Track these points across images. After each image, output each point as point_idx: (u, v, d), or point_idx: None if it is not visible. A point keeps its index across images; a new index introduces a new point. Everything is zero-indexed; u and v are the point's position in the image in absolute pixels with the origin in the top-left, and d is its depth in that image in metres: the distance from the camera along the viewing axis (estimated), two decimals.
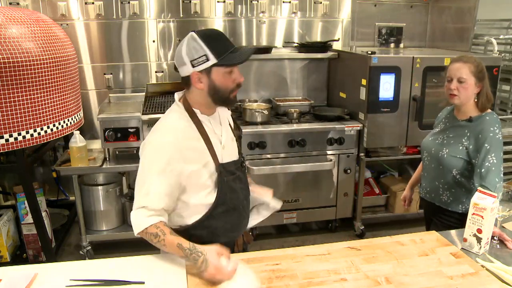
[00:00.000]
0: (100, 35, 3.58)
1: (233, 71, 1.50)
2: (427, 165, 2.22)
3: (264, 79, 3.86)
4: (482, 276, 1.52)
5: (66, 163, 2.98)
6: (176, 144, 1.49)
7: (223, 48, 1.46)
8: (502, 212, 1.74)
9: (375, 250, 1.69)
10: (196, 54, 1.45)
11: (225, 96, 1.52)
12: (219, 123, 1.63)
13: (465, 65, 2.01)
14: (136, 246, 3.38)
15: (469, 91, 2.02)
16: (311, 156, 3.34)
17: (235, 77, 1.52)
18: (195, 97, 1.55)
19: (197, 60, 1.45)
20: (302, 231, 3.65)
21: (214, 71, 1.47)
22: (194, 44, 1.45)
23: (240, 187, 1.66)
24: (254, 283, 1.44)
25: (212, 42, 1.45)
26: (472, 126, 2.03)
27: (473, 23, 3.67)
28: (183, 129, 1.52)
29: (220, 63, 1.45)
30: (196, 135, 1.53)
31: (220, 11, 3.69)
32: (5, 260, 2.92)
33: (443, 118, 2.23)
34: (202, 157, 1.53)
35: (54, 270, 1.55)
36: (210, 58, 1.44)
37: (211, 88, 1.50)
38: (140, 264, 1.58)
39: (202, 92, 1.52)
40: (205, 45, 1.44)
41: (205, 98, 1.54)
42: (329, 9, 3.88)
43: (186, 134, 1.52)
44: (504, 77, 3.96)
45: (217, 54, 1.44)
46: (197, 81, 1.49)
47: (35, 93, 2.46)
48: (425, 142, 2.26)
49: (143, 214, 1.48)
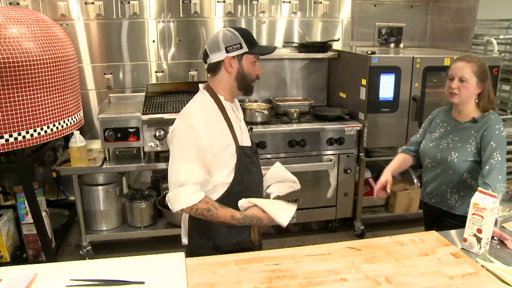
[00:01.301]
0: (100, 35, 3.58)
1: (256, 63, 1.72)
2: (431, 171, 2.17)
3: (264, 79, 3.86)
4: (482, 276, 1.52)
5: (66, 163, 2.98)
6: (205, 124, 1.64)
7: (254, 41, 1.70)
8: (502, 212, 1.74)
9: (375, 250, 1.69)
10: (232, 41, 1.66)
11: (248, 83, 1.73)
12: (238, 110, 1.81)
13: (468, 65, 1.99)
14: (136, 246, 3.39)
15: (470, 91, 2.00)
16: (311, 156, 3.34)
17: (257, 69, 1.73)
18: (221, 82, 1.72)
19: (232, 46, 1.66)
20: (302, 231, 3.65)
21: (245, 58, 1.69)
22: (230, 34, 1.67)
23: (255, 171, 1.80)
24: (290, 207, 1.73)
25: (245, 34, 1.69)
26: (477, 126, 2.02)
27: (473, 23, 3.68)
28: (210, 111, 1.69)
29: (251, 51, 1.67)
30: (220, 118, 1.69)
31: (220, 11, 3.70)
32: (5, 260, 2.92)
33: (441, 122, 2.19)
34: (226, 138, 1.68)
35: (54, 270, 1.54)
36: (243, 46, 1.66)
37: (239, 73, 1.70)
38: (140, 264, 1.58)
39: (230, 77, 1.70)
40: (240, 36, 1.67)
41: (231, 83, 1.72)
42: (329, 9, 3.88)
43: (213, 116, 1.68)
44: (504, 77, 3.96)
45: (249, 44, 1.67)
46: (229, 65, 1.68)
47: (35, 93, 2.46)
48: (426, 148, 2.20)
49: (189, 190, 1.61)
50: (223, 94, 1.73)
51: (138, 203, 3.18)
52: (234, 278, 1.50)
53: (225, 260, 1.61)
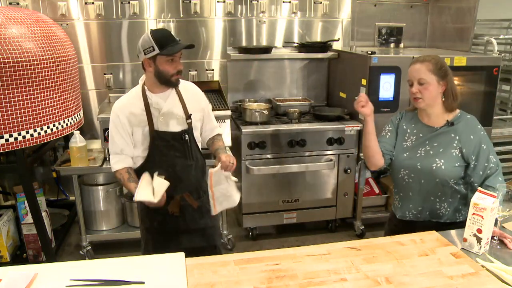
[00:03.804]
0: (100, 35, 3.58)
1: (174, 60, 1.93)
2: (411, 183, 2.01)
3: (264, 79, 3.86)
4: (482, 276, 1.52)
5: (66, 163, 2.98)
6: (124, 106, 2.01)
7: (165, 42, 1.89)
8: (502, 212, 1.74)
9: (375, 250, 1.69)
10: (146, 45, 1.90)
11: (167, 78, 1.95)
12: (164, 100, 2.01)
13: (423, 65, 1.90)
14: (136, 246, 3.38)
15: (433, 92, 1.91)
16: (311, 156, 3.34)
17: (175, 65, 1.94)
18: (146, 78, 2.02)
19: (147, 49, 1.90)
20: (302, 231, 3.65)
21: (158, 59, 1.91)
22: (146, 38, 1.91)
23: (174, 155, 2.04)
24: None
25: (158, 37, 1.89)
26: (456, 129, 1.94)
27: (473, 23, 3.68)
28: (133, 98, 2.02)
29: (161, 53, 1.89)
30: (140, 106, 1.99)
31: (220, 11, 3.70)
32: (5, 260, 2.92)
33: (410, 130, 2.06)
34: (141, 121, 1.99)
35: (54, 270, 1.55)
36: (155, 49, 1.88)
37: (156, 71, 1.94)
38: (140, 264, 1.58)
39: (151, 74, 1.97)
40: (152, 39, 1.88)
41: (153, 79, 1.98)
42: (329, 9, 3.88)
43: (132, 104, 2.00)
44: (504, 77, 3.96)
45: (160, 46, 1.88)
46: (147, 65, 1.95)
47: (35, 93, 2.46)
48: (401, 159, 2.03)
49: (112, 160, 2.05)
50: (148, 86, 2.01)
51: None
52: (234, 278, 1.50)
53: (225, 260, 1.62)
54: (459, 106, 2.01)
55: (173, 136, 2.02)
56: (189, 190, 2.12)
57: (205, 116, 2.18)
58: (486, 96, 3.40)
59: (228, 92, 3.80)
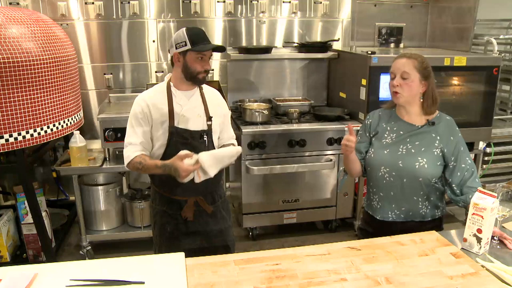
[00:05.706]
0: (100, 35, 3.58)
1: (203, 58, 1.95)
2: (392, 182, 1.97)
3: (264, 79, 3.86)
4: (482, 276, 1.52)
5: (66, 163, 2.98)
6: (149, 99, 2.01)
7: (198, 40, 1.94)
8: (502, 212, 1.74)
9: (375, 250, 1.69)
10: (179, 39, 1.95)
11: (193, 75, 1.97)
12: (188, 98, 2.03)
13: (409, 60, 1.91)
14: (136, 246, 3.39)
15: (414, 89, 1.91)
16: (311, 156, 3.34)
17: (204, 64, 1.97)
18: (174, 73, 2.04)
19: (179, 44, 1.95)
20: (302, 231, 3.65)
21: (188, 55, 1.95)
22: (180, 33, 1.95)
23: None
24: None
25: (191, 34, 1.94)
26: (437, 129, 1.95)
27: (473, 23, 3.68)
28: (159, 93, 2.03)
29: (192, 49, 1.93)
30: (164, 101, 2.00)
31: (220, 11, 3.70)
32: (5, 260, 2.92)
33: (389, 127, 2.04)
34: (162, 115, 1.99)
35: (54, 270, 1.55)
36: (187, 44, 1.92)
37: (184, 66, 1.97)
38: (140, 264, 1.58)
39: (178, 70, 2.00)
40: (186, 35, 1.93)
41: (180, 74, 2.00)
42: (329, 9, 3.88)
43: (156, 98, 2.01)
44: (504, 77, 3.96)
45: (192, 43, 1.92)
46: (176, 59, 1.99)
47: (35, 93, 2.46)
48: (381, 156, 1.99)
49: (129, 150, 1.99)
50: (174, 82, 2.03)
51: (138, 203, 3.18)
52: (234, 278, 1.50)
53: (225, 260, 1.62)
54: (438, 109, 2.02)
55: (191, 134, 2.01)
56: (203, 194, 2.10)
57: (225, 124, 2.18)
58: (486, 96, 3.40)
59: (228, 92, 3.80)
